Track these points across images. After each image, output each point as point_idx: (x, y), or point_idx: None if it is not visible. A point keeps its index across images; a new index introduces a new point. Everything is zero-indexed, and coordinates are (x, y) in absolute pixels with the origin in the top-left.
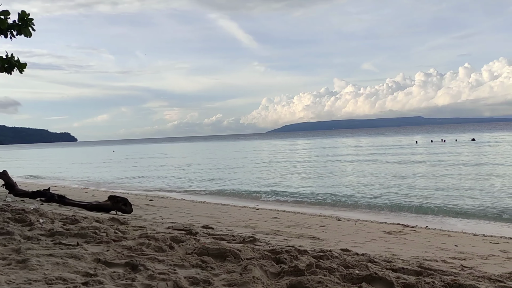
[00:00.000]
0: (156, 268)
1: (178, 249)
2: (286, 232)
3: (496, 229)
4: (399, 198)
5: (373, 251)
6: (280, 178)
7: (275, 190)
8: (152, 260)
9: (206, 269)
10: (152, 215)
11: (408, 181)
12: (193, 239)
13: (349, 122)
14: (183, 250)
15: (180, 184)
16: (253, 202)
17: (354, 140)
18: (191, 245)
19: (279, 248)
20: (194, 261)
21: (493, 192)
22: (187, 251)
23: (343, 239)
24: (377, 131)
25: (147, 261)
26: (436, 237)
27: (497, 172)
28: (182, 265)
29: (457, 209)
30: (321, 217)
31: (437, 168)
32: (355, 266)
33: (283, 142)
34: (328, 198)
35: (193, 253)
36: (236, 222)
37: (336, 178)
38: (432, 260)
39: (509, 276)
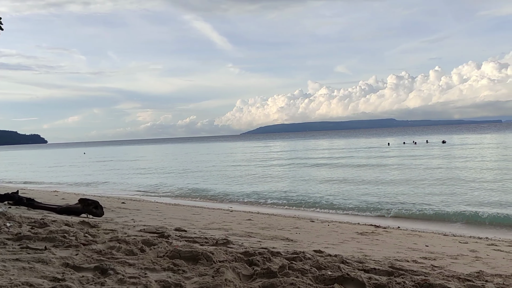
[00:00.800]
0: (127, 272)
1: (150, 252)
2: (259, 234)
3: (464, 230)
4: (372, 200)
5: (346, 252)
6: (254, 180)
7: (249, 192)
8: (123, 264)
9: (178, 272)
10: (124, 218)
11: (381, 183)
12: (165, 242)
13: (322, 124)
14: (155, 253)
15: (153, 187)
16: (227, 204)
17: (327, 142)
18: (163, 248)
19: (252, 250)
20: (166, 264)
21: (462, 193)
22: (158, 254)
23: (316, 240)
24: (350, 133)
25: (117, 265)
26: (407, 238)
27: (466, 174)
28: (154, 268)
29: (427, 210)
30: (295, 219)
31: (409, 170)
32: (327, 267)
33: (258, 144)
34: (302, 200)
35: (165, 256)
36: (209, 225)
37: (310, 180)
38: (403, 260)
39: (478, 275)
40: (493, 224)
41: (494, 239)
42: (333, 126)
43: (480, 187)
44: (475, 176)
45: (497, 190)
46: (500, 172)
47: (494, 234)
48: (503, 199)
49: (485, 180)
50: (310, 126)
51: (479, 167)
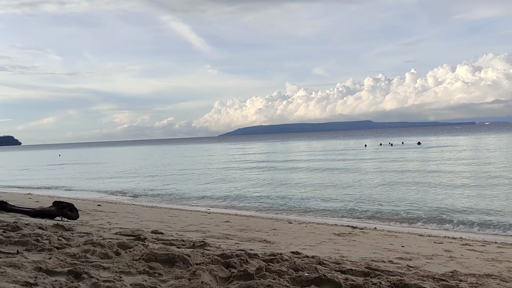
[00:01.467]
0: (101, 275)
1: (125, 255)
2: (237, 236)
3: (439, 230)
4: (350, 201)
5: (323, 253)
6: (232, 182)
7: (227, 194)
8: (97, 268)
9: (154, 275)
10: (100, 220)
11: (358, 185)
12: (142, 245)
13: (300, 125)
14: (130, 256)
15: (130, 189)
16: (205, 206)
17: (305, 144)
18: (139, 251)
19: (230, 252)
20: (142, 267)
21: (437, 195)
22: (134, 257)
23: (294, 241)
24: (328, 135)
25: (91, 268)
26: (384, 238)
27: (441, 176)
28: (129, 271)
29: (403, 211)
30: (272, 220)
31: (385, 172)
32: (304, 268)
33: (236, 145)
34: (280, 202)
35: (141, 259)
36: (187, 227)
37: (288, 182)
38: (380, 261)
39: (452, 275)
40: (467, 225)
41: (468, 239)
42: (311, 127)
43: (454, 189)
44: (449, 178)
45: (470, 192)
46: (473, 174)
47: (468, 234)
48: (476, 201)
49: (459, 182)
50: (288, 128)
51: (453, 169)
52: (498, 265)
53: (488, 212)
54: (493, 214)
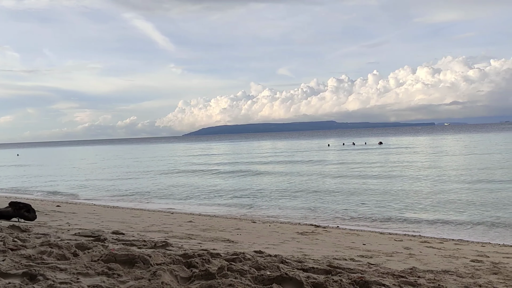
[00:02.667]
0: (57, 277)
1: (83, 256)
2: (200, 236)
3: (400, 229)
4: (312, 200)
5: (286, 252)
6: (196, 181)
7: (190, 194)
8: (53, 269)
9: (113, 276)
10: (59, 221)
11: (320, 183)
12: (101, 246)
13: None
14: (89, 257)
15: (91, 189)
16: (168, 206)
17: (270, 144)
18: (98, 252)
19: (192, 252)
20: (100, 268)
21: (397, 194)
22: (93, 258)
23: (257, 241)
24: (292, 135)
25: (47, 270)
26: (346, 237)
27: (401, 175)
28: (87, 273)
29: (365, 210)
30: (236, 220)
31: (347, 171)
32: (266, 267)
33: (200, 145)
34: (244, 201)
35: (100, 260)
36: (149, 227)
37: (252, 181)
38: (341, 259)
39: (411, 271)
40: (427, 223)
41: (427, 236)
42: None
43: (414, 189)
44: (409, 177)
45: (429, 191)
46: (433, 174)
47: (427, 232)
48: (435, 199)
49: (419, 181)
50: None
51: (413, 169)
52: (455, 261)
53: (446, 210)
54: (451, 212)
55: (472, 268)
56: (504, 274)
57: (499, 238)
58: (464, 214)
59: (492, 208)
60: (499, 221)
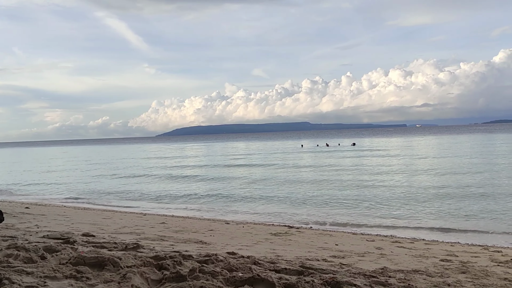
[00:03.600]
0: (24, 281)
1: (51, 259)
2: (173, 238)
3: (372, 229)
4: (286, 201)
5: (259, 253)
6: (169, 183)
7: (163, 195)
8: (20, 273)
9: (81, 279)
10: (27, 223)
11: (293, 184)
12: (70, 248)
13: (239, 126)
14: (57, 260)
15: (61, 190)
16: (141, 208)
17: (244, 144)
18: (66, 255)
19: (163, 254)
20: (68, 271)
21: (369, 194)
22: (61, 261)
23: (230, 242)
24: (266, 136)
25: (13, 274)
26: (319, 237)
27: (374, 175)
28: (54, 276)
29: (339, 210)
30: (210, 221)
31: (321, 172)
32: (239, 269)
33: (174, 146)
34: (218, 202)
35: (68, 263)
36: (120, 229)
37: (225, 182)
38: (314, 260)
39: (382, 271)
40: (398, 223)
41: (398, 236)
42: (250, 128)
43: (386, 189)
44: (382, 178)
45: (401, 192)
46: (405, 174)
47: (398, 232)
48: (407, 200)
49: (391, 182)
50: (227, 129)
51: (386, 169)
52: (425, 261)
53: (418, 211)
54: (421, 212)
55: (442, 267)
56: (472, 273)
57: (468, 238)
58: (434, 215)
59: (461, 209)
60: (468, 221)
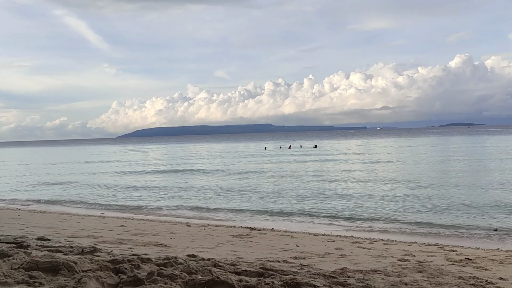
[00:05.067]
0: None
1: (3, 264)
2: (132, 241)
3: (333, 229)
4: (248, 202)
5: (220, 255)
6: (129, 184)
7: (123, 197)
8: None
9: (34, 285)
10: None
11: (256, 185)
12: (23, 253)
13: (202, 128)
14: (9, 265)
15: (16, 193)
16: (99, 210)
17: (206, 146)
18: (19, 260)
19: (121, 257)
20: (20, 277)
21: (331, 195)
22: (13, 266)
23: (191, 244)
24: (229, 137)
25: None
26: (280, 239)
27: (335, 176)
28: (5, 282)
29: (300, 210)
30: (171, 224)
31: (283, 173)
32: (198, 271)
33: (135, 147)
34: (179, 204)
35: (20, 268)
36: (78, 232)
37: (187, 183)
38: (275, 261)
39: (341, 271)
40: (358, 223)
41: (358, 237)
42: (212, 130)
43: (347, 190)
44: (343, 179)
45: (361, 192)
46: (365, 175)
47: (358, 233)
48: (367, 200)
49: (352, 183)
50: (189, 130)
51: (347, 170)
52: (383, 261)
53: (377, 211)
54: (381, 213)
55: (399, 267)
56: (428, 272)
57: (425, 238)
58: (393, 215)
59: (418, 210)
60: (424, 222)
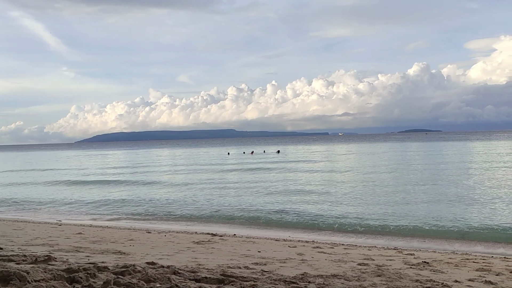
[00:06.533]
0: None
1: None
2: (89, 249)
3: (295, 234)
4: (211, 208)
5: (180, 262)
6: (87, 190)
7: (81, 204)
8: None
9: None
10: None
11: (218, 191)
12: None
13: (164, 133)
14: None
15: None
16: (56, 217)
17: (168, 152)
18: None
19: (77, 266)
20: None
21: (293, 200)
22: None
23: (151, 252)
24: (192, 143)
25: None
26: (242, 244)
27: (297, 181)
28: None
29: (263, 216)
30: (130, 231)
31: (246, 178)
32: (157, 279)
33: (94, 152)
34: (139, 210)
35: None
36: (32, 240)
37: (148, 190)
38: (236, 267)
39: (302, 277)
40: (319, 228)
41: (319, 242)
42: (175, 135)
43: (308, 195)
44: (304, 184)
45: (322, 198)
46: (326, 181)
47: (319, 237)
48: (328, 205)
49: (313, 187)
50: (151, 135)
51: (308, 176)
52: (343, 265)
53: (338, 215)
54: (342, 218)
55: (359, 271)
56: (387, 276)
57: (384, 242)
58: (354, 220)
59: (378, 214)
60: (384, 226)
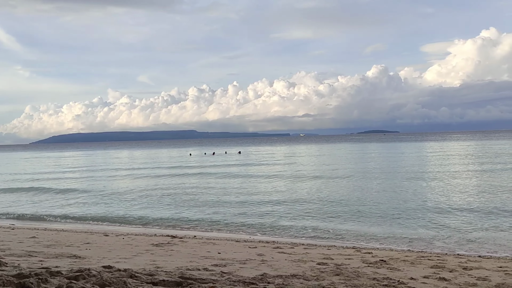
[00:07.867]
0: None
1: None
2: (43, 253)
3: (255, 235)
4: (170, 210)
5: (138, 265)
6: (42, 193)
7: (36, 207)
8: None
9: None
10: None
11: (179, 192)
12: None
13: (123, 134)
14: None
15: None
16: (9, 221)
17: (127, 153)
18: None
19: (28, 271)
20: None
21: (254, 200)
22: None
23: (108, 255)
24: (152, 144)
25: None
26: (202, 246)
27: (258, 183)
28: None
29: (223, 218)
30: (87, 234)
31: (208, 179)
32: (112, 283)
33: (50, 154)
34: (97, 213)
35: None
36: None
37: (107, 192)
38: (195, 269)
39: (261, 278)
40: (281, 229)
41: (280, 242)
42: (134, 136)
43: (270, 196)
44: (266, 185)
45: (284, 198)
46: (289, 180)
47: (279, 238)
48: (288, 205)
49: (275, 188)
50: (110, 136)
51: (271, 176)
52: (303, 265)
53: (297, 216)
54: (302, 218)
55: (318, 270)
56: (345, 275)
57: (343, 241)
58: (313, 220)
59: (337, 214)
60: (342, 225)
